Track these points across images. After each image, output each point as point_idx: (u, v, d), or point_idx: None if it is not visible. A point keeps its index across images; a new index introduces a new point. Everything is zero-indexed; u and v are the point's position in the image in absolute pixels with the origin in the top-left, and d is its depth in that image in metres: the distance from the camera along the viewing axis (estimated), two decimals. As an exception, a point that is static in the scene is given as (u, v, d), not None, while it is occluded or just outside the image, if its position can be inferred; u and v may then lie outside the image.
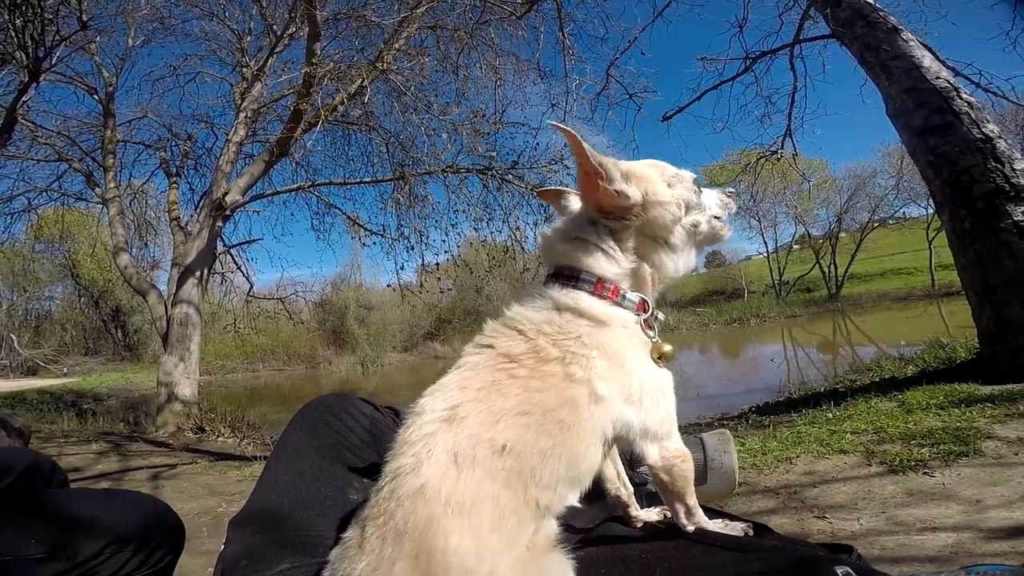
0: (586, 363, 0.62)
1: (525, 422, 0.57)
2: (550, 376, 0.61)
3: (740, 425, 4.05)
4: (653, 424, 0.65)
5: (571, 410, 0.59)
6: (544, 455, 0.57)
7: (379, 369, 19.70)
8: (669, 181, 0.73)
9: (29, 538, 0.83)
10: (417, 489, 0.53)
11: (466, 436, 0.56)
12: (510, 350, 0.64)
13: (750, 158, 8.00)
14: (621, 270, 0.69)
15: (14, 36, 4.70)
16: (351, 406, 0.88)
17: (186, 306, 6.52)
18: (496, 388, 0.60)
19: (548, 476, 0.57)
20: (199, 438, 5.78)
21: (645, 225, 0.70)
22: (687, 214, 0.73)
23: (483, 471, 0.54)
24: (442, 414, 0.58)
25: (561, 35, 6.88)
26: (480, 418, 0.57)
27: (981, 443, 2.39)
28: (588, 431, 0.60)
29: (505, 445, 0.56)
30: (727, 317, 21.15)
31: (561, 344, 0.63)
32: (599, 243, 0.70)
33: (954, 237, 3.84)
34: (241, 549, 0.69)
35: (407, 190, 7.32)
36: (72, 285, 21.96)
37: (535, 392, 0.59)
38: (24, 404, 9.55)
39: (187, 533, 1.09)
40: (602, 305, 0.67)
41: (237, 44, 8.05)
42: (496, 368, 0.62)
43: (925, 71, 3.93)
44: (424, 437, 0.57)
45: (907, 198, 21.47)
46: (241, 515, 0.75)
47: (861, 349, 10.50)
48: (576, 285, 0.68)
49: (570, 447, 0.59)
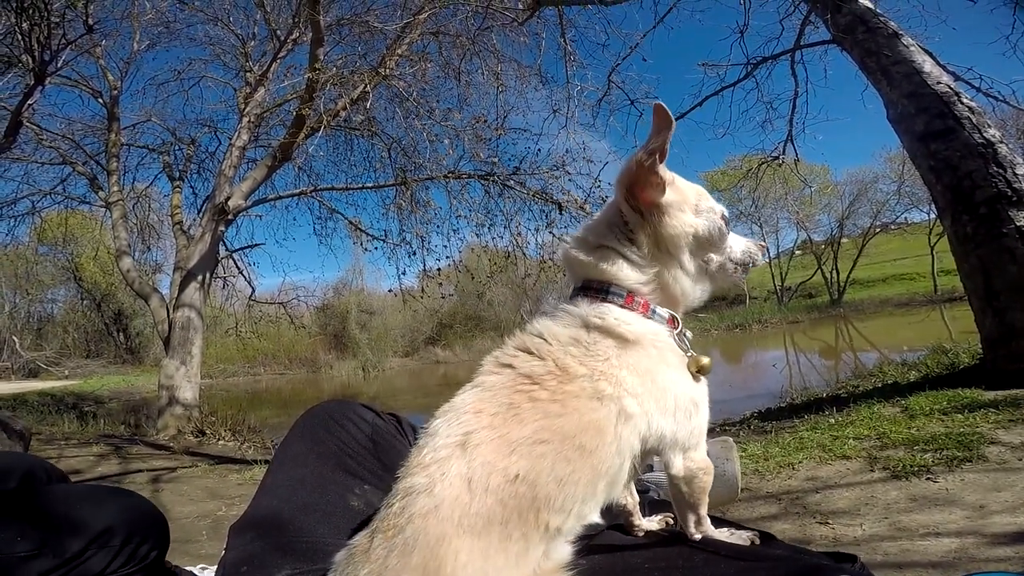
0: (615, 380, 0.61)
1: (541, 451, 0.56)
2: (573, 398, 0.59)
3: (742, 431, 4.04)
4: (683, 436, 0.64)
5: (594, 434, 0.58)
6: (560, 482, 0.56)
7: (380, 374, 19.71)
8: (698, 205, 0.72)
9: (15, 535, 0.84)
10: (431, 509, 0.53)
11: (480, 464, 0.55)
12: (532, 370, 0.62)
13: (751, 164, 8.03)
14: (646, 277, 0.68)
15: (20, 39, 4.74)
16: (353, 413, 0.88)
17: (188, 310, 6.53)
18: (513, 414, 0.58)
19: (563, 501, 0.56)
20: (200, 441, 5.77)
21: (659, 230, 0.69)
22: (702, 245, 0.72)
23: (495, 499, 0.54)
24: (456, 439, 0.57)
25: (563, 41, 6.93)
26: (494, 446, 0.56)
27: (984, 448, 2.38)
28: (613, 453, 0.59)
29: (518, 475, 0.55)
30: (729, 323, 21.10)
31: (588, 363, 0.62)
32: (621, 249, 0.69)
33: (956, 242, 3.84)
34: (242, 555, 0.69)
35: (409, 195, 7.35)
36: (75, 288, 22.03)
37: (555, 418, 0.58)
38: (25, 406, 9.55)
39: (187, 536, 1.10)
40: (633, 318, 0.66)
41: (241, 49, 8.11)
42: (515, 390, 0.60)
43: (926, 76, 3.94)
44: (438, 460, 0.56)
45: (909, 203, 21.48)
46: (242, 521, 0.75)
47: (863, 354, 10.47)
48: (605, 299, 0.67)
49: (590, 471, 0.58)
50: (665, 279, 0.69)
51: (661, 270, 0.69)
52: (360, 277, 24.07)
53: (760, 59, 6.14)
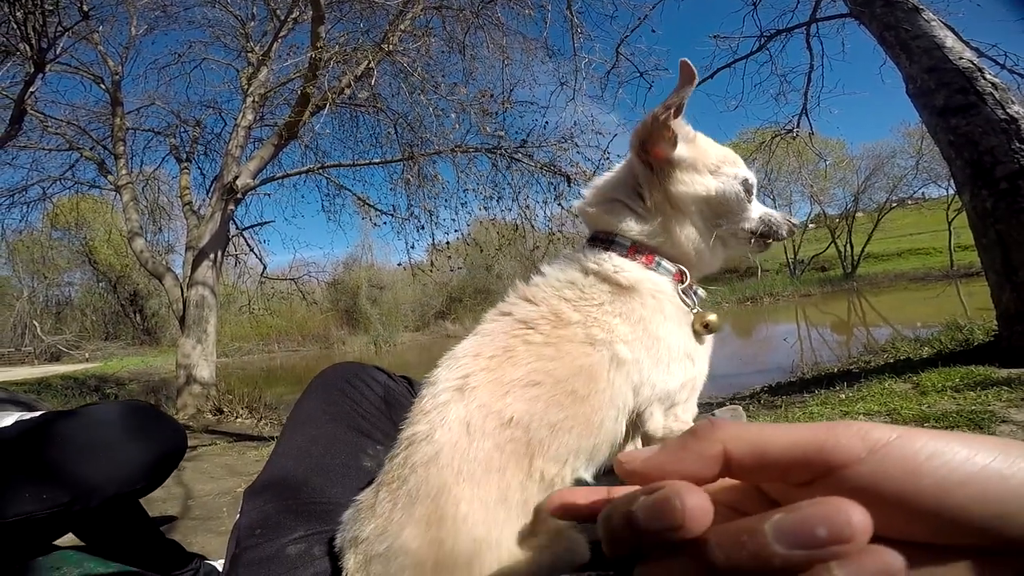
0: (608, 326, 0.60)
1: (534, 393, 0.56)
2: (567, 342, 0.59)
3: (752, 405, 4.05)
4: (673, 387, 0.62)
5: (586, 380, 0.58)
6: (553, 428, 0.55)
7: (392, 348, 19.95)
8: (719, 167, 0.69)
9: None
10: (431, 456, 0.53)
11: (476, 406, 0.55)
12: (527, 316, 0.62)
13: (765, 137, 7.86)
14: (651, 228, 0.67)
15: (16, 28, 4.70)
16: (365, 374, 0.88)
17: (201, 288, 6.62)
18: (508, 356, 0.58)
19: (558, 449, 0.56)
20: (218, 419, 5.92)
21: (668, 187, 0.67)
22: (715, 208, 0.69)
23: (492, 443, 0.54)
24: (454, 383, 0.57)
25: (569, 13, 6.74)
26: (490, 388, 0.56)
27: (996, 427, 2.37)
28: (605, 402, 0.58)
29: (512, 417, 0.55)
30: (740, 295, 20.91)
31: (583, 308, 0.62)
32: (629, 203, 0.69)
33: (975, 217, 3.75)
34: (256, 517, 0.69)
35: (416, 170, 7.29)
36: (90, 271, 22.39)
37: (548, 361, 0.58)
38: (50, 390, 9.82)
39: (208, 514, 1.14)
40: (631, 266, 0.66)
41: (241, 30, 7.99)
42: (511, 335, 0.61)
43: (947, 51, 3.79)
44: (438, 406, 0.56)
45: (927, 178, 20.93)
46: (256, 484, 0.75)
47: (876, 330, 10.38)
48: (608, 248, 0.67)
49: (583, 419, 0.57)
50: (675, 236, 0.68)
51: (670, 225, 0.68)
52: (370, 252, 24.22)
53: (774, 32, 5.95)
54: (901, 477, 0.21)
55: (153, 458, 1.11)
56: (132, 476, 1.07)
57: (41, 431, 1.02)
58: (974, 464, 0.21)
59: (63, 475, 0.97)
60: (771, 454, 0.23)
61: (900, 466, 0.21)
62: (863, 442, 0.22)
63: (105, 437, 1.06)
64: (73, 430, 1.04)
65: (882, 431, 0.22)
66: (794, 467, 0.23)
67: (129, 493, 1.09)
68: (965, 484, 0.20)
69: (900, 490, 0.21)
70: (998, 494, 0.20)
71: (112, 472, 1.03)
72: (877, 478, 0.21)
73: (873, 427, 0.22)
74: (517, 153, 7.09)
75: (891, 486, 0.21)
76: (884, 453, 0.21)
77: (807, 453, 0.22)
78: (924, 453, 0.21)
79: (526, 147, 7.07)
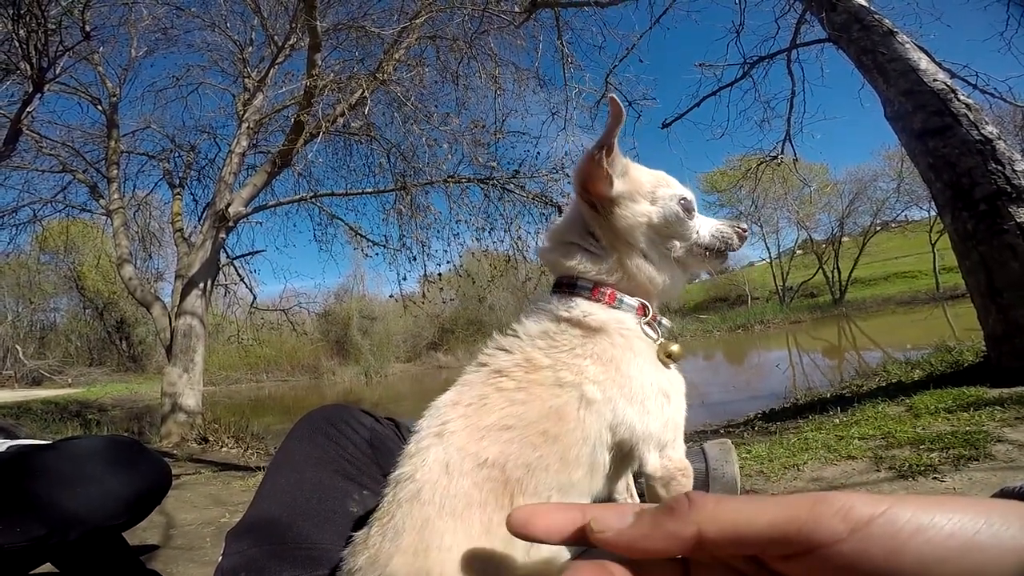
0: (577, 368, 0.63)
1: (508, 436, 0.59)
2: (537, 385, 0.62)
3: (746, 432, 4.02)
4: (656, 428, 0.64)
5: (556, 421, 0.60)
6: (529, 467, 0.58)
7: (383, 379, 19.69)
8: (655, 193, 0.72)
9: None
10: (414, 493, 0.56)
11: (455, 449, 0.58)
12: (502, 365, 0.65)
13: (750, 163, 8.03)
14: (608, 266, 0.70)
15: (18, 47, 4.73)
16: (351, 417, 0.87)
17: (190, 317, 6.54)
18: (482, 403, 0.62)
19: (536, 486, 0.58)
20: (203, 448, 5.77)
21: (613, 223, 0.70)
22: (661, 233, 0.71)
23: (470, 481, 0.56)
24: (435, 429, 0.61)
25: (559, 43, 6.94)
26: (466, 434, 0.59)
27: (991, 447, 2.36)
28: (578, 439, 0.60)
29: (487, 459, 0.57)
30: (731, 324, 21.09)
31: (553, 354, 0.64)
32: (582, 243, 0.71)
33: (957, 240, 3.82)
34: (239, 561, 0.68)
35: (409, 200, 7.35)
36: (77, 296, 22.09)
37: (519, 405, 0.61)
38: (29, 414, 9.55)
39: (190, 544, 1.11)
40: (598, 309, 0.68)
41: (239, 55, 8.14)
42: (485, 383, 0.64)
43: (922, 73, 3.93)
44: (420, 450, 0.60)
45: (909, 201, 21.45)
46: (240, 526, 0.74)
47: (867, 353, 10.43)
48: (573, 292, 0.70)
49: (558, 457, 0.59)
50: (629, 269, 0.70)
51: (624, 260, 0.70)
52: (361, 283, 24.14)
53: (756, 59, 6.15)
54: (882, 556, 0.21)
55: (135, 493, 1.08)
56: (113, 511, 1.04)
57: (19, 463, 0.99)
58: (956, 539, 0.21)
59: (40, 508, 0.94)
60: (748, 535, 0.23)
61: (881, 545, 0.21)
62: (844, 522, 0.21)
63: (86, 471, 1.03)
64: (53, 463, 1.01)
65: (866, 506, 0.22)
66: (773, 545, 0.23)
67: (109, 527, 1.06)
68: (945, 561, 0.20)
69: (880, 570, 0.21)
70: (976, 568, 0.20)
71: (92, 506, 1.00)
72: (858, 557, 0.21)
73: (856, 502, 0.22)
74: (509, 183, 7.19)
75: (871, 566, 0.21)
76: (866, 532, 0.21)
77: (787, 534, 0.22)
78: (908, 529, 0.21)
79: (518, 177, 7.17)
